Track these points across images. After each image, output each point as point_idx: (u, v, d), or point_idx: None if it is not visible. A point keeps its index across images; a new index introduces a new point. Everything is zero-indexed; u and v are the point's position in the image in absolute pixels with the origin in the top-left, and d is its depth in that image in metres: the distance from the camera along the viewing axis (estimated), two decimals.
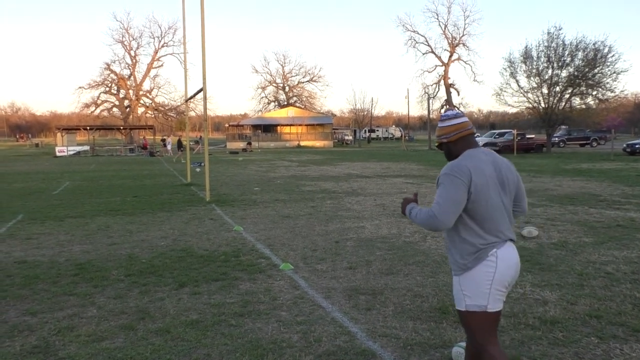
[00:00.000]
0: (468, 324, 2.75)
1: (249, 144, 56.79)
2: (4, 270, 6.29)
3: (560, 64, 35.73)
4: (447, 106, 74.55)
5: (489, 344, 2.70)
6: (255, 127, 67.63)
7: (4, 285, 5.62)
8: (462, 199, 2.63)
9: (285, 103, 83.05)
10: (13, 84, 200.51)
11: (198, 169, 23.04)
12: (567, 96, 36.53)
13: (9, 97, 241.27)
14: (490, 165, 2.72)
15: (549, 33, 35.96)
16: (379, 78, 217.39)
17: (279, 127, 68.30)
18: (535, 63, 36.75)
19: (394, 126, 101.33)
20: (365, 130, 78.56)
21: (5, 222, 9.83)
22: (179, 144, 43.30)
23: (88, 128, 52.48)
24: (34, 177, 21.29)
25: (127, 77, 72.07)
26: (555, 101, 36.41)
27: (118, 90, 72.87)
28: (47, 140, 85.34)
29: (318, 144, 63.87)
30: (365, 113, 71.34)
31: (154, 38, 72.04)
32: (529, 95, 37.47)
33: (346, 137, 77.49)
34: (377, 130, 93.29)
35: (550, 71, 36.18)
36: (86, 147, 48.60)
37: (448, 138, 2.84)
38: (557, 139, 43.92)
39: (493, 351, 2.68)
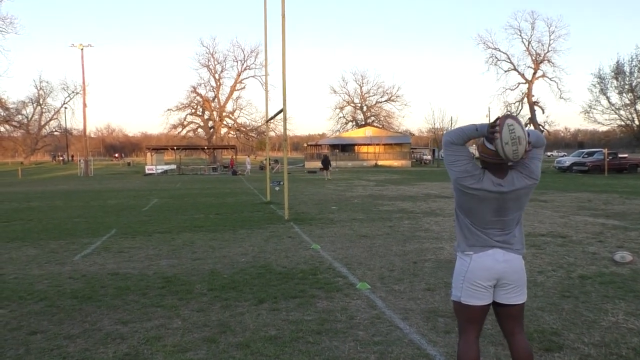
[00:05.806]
0: (454, 311, 3.10)
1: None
2: (99, 281, 6.73)
3: None
4: (531, 125, 71.82)
5: (462, 334, 3.00)
6: (333, 146, 68.24)
7: (98, 295, 6.02)
8: (457, 149, 2.90)
9: (363, 123, 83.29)
10: (109, 107, 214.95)
11: (277, 188, 23.55)
12: None
13: (105, 119, 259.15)
14: (495, 193, 2.85)
15: None
16: (458, 97, 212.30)
17: (356, 147, 68.58)
18: (628, 78, 34.87)
19: (474, 145, 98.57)
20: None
21: (100, 236, 10.51)
22: (326, 162, 37.67)
23: (175, 148, 55.12)
24: (125, 194, 22.64)
25: (211, 99, 75.49)
26: None
27: (203, 112, 76.41)
28: (138, 159, 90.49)
29: (396, 163, 63.40)
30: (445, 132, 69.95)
31: (237, 61, 75.04)
32: (621, 112, 35.65)
33: (425, 157, 76.40)
34: None
35: None
36: (173, 166, 51.16)
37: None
38: None
39: (461, 342, 2.98)
